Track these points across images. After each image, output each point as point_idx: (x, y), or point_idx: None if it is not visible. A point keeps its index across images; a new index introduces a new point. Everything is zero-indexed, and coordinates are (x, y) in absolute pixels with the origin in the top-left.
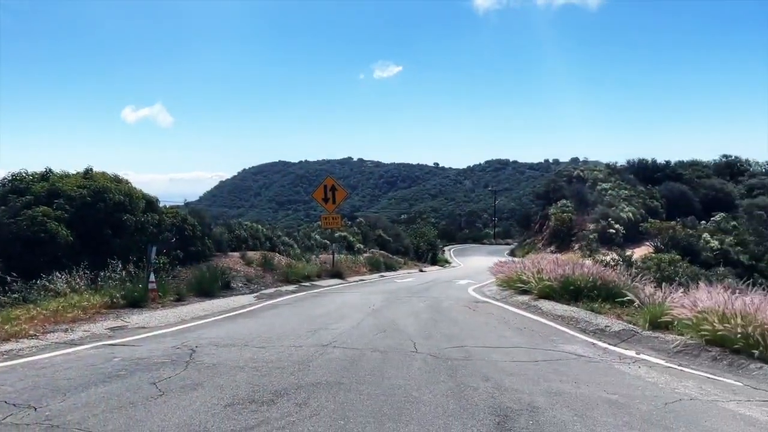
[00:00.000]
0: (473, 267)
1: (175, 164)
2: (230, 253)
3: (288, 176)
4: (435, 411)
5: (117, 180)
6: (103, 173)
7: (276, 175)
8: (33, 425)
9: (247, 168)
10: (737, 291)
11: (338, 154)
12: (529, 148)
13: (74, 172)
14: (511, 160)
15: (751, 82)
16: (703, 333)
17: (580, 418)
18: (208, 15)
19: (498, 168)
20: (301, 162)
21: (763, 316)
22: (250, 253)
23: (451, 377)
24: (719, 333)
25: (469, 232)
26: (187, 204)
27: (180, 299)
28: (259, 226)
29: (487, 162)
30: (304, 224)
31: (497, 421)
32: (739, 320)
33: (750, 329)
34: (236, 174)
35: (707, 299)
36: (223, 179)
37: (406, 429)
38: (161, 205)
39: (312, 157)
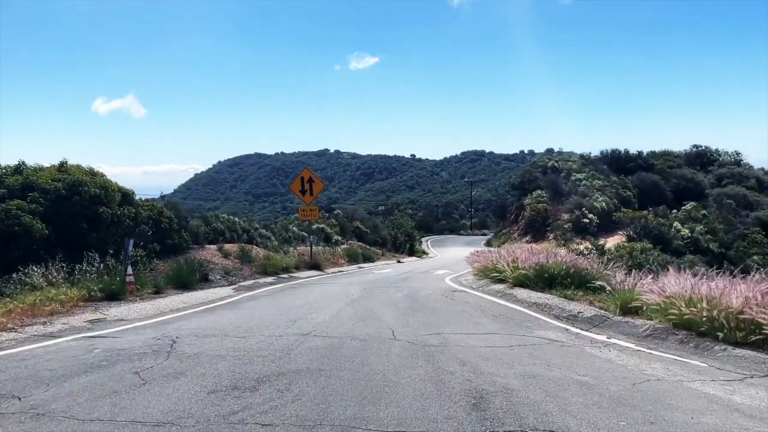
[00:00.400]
0: (450, 257)
1: (148, 157)
2: (207, 246)
3: (264, 168)
4: (413, 394)
5: (92, 173)
6: (78, 166)
7: (252, 167)
8: (18, 414)
9: (222, 160)
10: (704, 276)
11: (315, 146)
12: (505, 140)
13: (48, 165)
14: (487, 151)
15: (721, 73)
16: (670, 317)
17: (553, 398)
18: (181, 4)
19: (474, 159)
20: (277, 154)
21: (727, 300)
22: (228, 246)
23: (428, 362)
24: (686, 317)
25: (446, 223)
26: (163, 197)
27: (158, 292)
28: (236, 219)
29: (463, 153)
30: (281, 217)
31: (473, 402)
32: (704, 304)
33: (715, 313)
34: (211, 166)
35: (675, 284)
36: (198, 172)
37: (386, 411)
38: (137, 198)
39: (288, 149)
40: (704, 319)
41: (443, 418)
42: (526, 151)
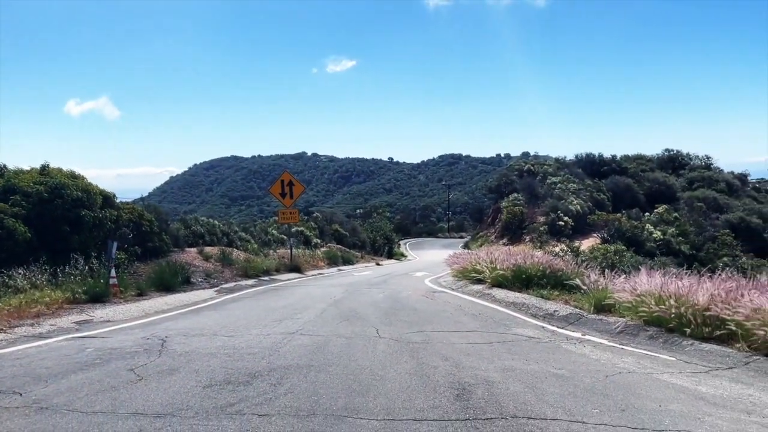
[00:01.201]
0: (429, 260)
1: (122, 159)
2: (187, 249)
3: (240, 171)
4: (400, 387)
5: (74, 176)
6: (60, 169)
7: (228, 170)
8: (22, 408)
9: (198, 163)
10: (673, 276)
11: (292, 149)
12: (482, 143)
13: (29, 168)
14: (464, 155)
15: (692, 79)
16: (641, 314)
17: (531, 389)
18: (155, 5)
19: (451, 162)
20: (254, 157)
21: (694, 297)
22: (208, 249)
23: (413, 358)
24: (656, 314)
25: (424, 226)
26: (142, 199)
27: (141, 294)
28: (216, 222)
29: (440, 157)
30: (258, 220)
31: (456, 393)
32: (673, 302)
33: (683, 310)
34: (187, 169)
35: (646, 283)
36: (174, 174)
37: (374, 402)
38: (117, 201)
39: (265, 152)
40: (673, 315)
41: (429, 408)
42: (502, 155)
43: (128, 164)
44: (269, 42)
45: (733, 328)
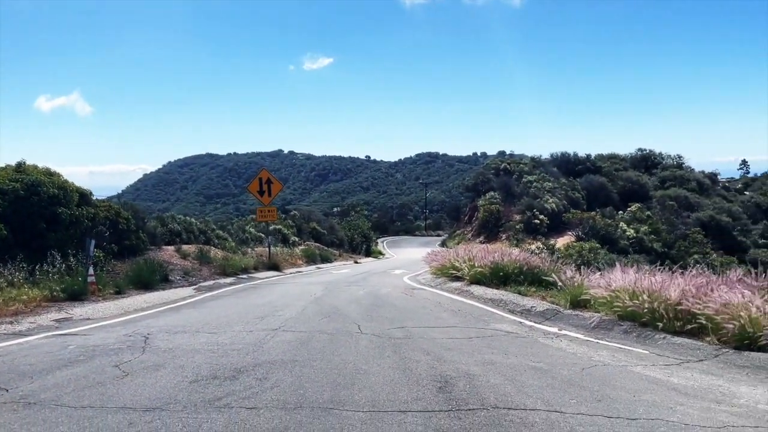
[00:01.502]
0: (407, 258)
1: (95, 157)
2: (164, 247)
3: (216, 169)
4: (383, 380)
5: (50, 173)
6: (35, 166)
7: (203, 167)
8: (10, 403)
9: (172, 160)
10: (648, 272)
11: (268, 147)
12: (459, 142)
13: (4, 165)
14: (440, 153)
15: (665, 80)
16: (616, 309)
17: (510, 381)
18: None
19: (428, 161)
20: (229, 154)
21: (666, 293)
22: (186, 247)
23: (395, 353)
24: (629, 309)
25: (401, 224)
26: (118, 197)
27: (120, 292)
28: (193, 220)
29: (417, 155)
30: (235, 218)
31: (439, 386)
32: (646, 297)
33: (655, 305)
34: (161, 167)
35: (620, 280)
36: (147, 172)
37: (359, 395)
38: (94, 198)
39: (241, 150)
40: (646, 310)
41: (412, 400)
42: (479, 154)
43: (101, 161)
44: (245, 38)
45: (704, 322)
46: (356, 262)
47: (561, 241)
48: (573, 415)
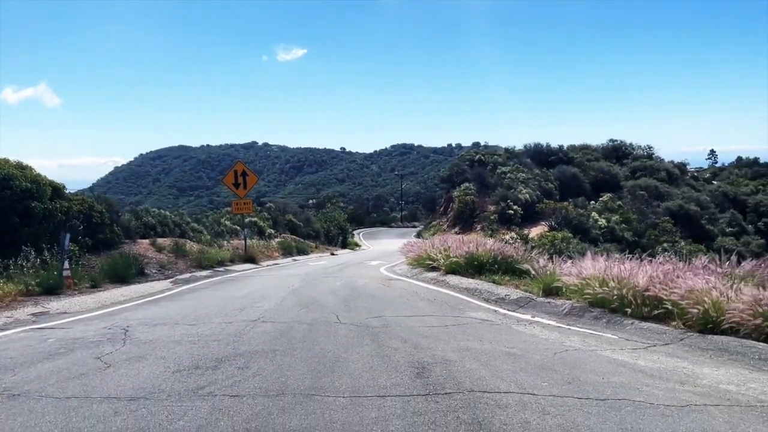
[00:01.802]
0: (383, 249)
1: (64, 149)
2: (139, 241)
3: (189, 161)
4: (363, 367)
5: (21, 167)
6: (6, 160)
7: (176, 160)
8: None
9: (144, 153)
10: (617, 260)
11: (242, 139)
12: (433, 133)
13: None
14: (416, 145)
15: (634, 70)
16: (586, 296)
17: (485, 366)
18: None
19: (403, 152)
20: (202, 146)
21: (635, 280)
22: (161, 240)
23: (373, 341)
24: (599, 296)
25: (377, 215)
26: (91, 190)
27: (95, 286)
28: (167, 213)
29: (392, 146)
30: (209, 211)
31: (416, 372)
32: (615, 284)
33: (624, 291)
34: (133, 159)
35: (591, 268)
36: (119, 165)
37: (340, 381)
38: (67, 192)
39: (214, 142)
40: (615, 297)
41: (391, 385)
42: (453, 145)
43: (71, 154)
44: (218, 29)
45: (670, 308)
46: (333, 254)
47: (534, 231)
48: (545, 397)
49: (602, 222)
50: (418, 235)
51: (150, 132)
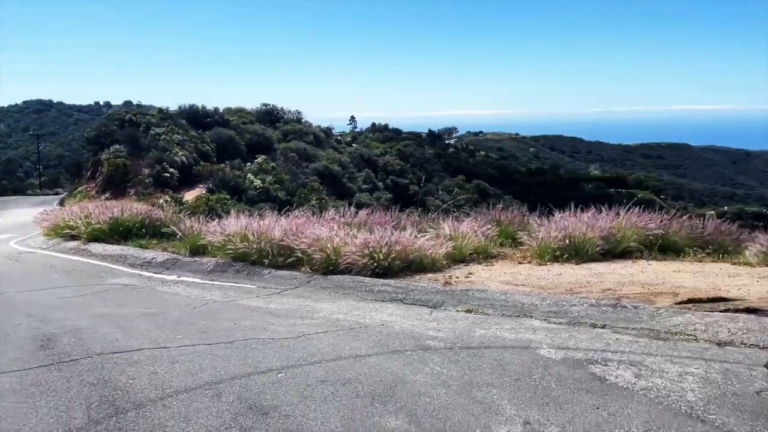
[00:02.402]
0: (15, 221)
1: None
2: None
3: None
4: None
5: None
6: None
7: None
8: None
9: None
10: (258, 216)
11: None
12: (77, 89)
13: None
14: (55, 101)
15: (288, 41)
16: (229, 252)
17: (120, 329)
18: None
19: (40, 110)
20: None
21: (272, 233)
22: None
23: None
24: (241, 251)
25: (9, 182)
26: None
27: None
28: None
29: (25, 102)
30: None
31: (40, 344)
32: (255, 238)
33: (263, 244)
34: None
35: (234, 225)
36: None
37: None
38: None
39: None
40: (254, 250)
41: (9, 362)
42: (102, 103)
43: None
44: None
45: (300, 255)
46: None
47: (191, 194)
48: (176, 348)
49: (258, 183)
50: (61, 203)
51: None
